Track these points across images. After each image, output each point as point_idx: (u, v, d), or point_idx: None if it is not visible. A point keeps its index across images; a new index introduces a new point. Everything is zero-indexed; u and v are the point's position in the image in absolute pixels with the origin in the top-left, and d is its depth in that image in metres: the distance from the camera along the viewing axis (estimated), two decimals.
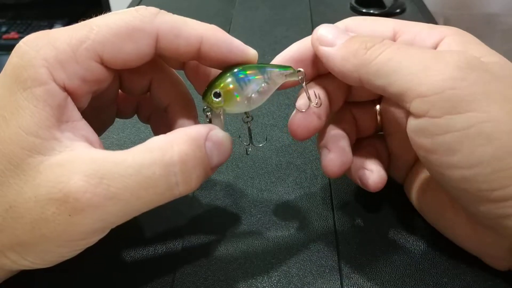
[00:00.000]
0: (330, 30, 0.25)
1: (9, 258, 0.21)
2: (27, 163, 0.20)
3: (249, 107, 0.25)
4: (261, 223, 0.29)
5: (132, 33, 0.22)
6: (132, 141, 0.36)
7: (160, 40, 0.23)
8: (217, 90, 0.24)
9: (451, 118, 0.21)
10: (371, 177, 0.27)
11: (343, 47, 0.24)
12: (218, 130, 0.23)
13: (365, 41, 0.23)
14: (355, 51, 0.23)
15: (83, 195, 0.19)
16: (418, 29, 0.25)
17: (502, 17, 1.09)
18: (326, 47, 0.24)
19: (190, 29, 0.23)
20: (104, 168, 0.20)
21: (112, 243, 0.23)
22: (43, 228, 0.20)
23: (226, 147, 0.24)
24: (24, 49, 0.21)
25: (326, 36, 0.24)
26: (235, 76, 0.24)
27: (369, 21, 0.26)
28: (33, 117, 0.20)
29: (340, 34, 0.24)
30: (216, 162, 0.23)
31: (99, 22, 0.22)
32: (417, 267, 0.26)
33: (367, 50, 0.23)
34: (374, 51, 0.23)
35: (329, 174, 0.26)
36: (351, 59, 0.23)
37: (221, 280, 0.25)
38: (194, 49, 0.23)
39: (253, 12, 0.60)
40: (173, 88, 0.27)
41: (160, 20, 0.22)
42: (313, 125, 0.25)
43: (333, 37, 0.24)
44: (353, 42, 0.24)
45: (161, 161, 0.21)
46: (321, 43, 0.24)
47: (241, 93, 0.24)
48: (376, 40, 0.23)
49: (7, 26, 1.45)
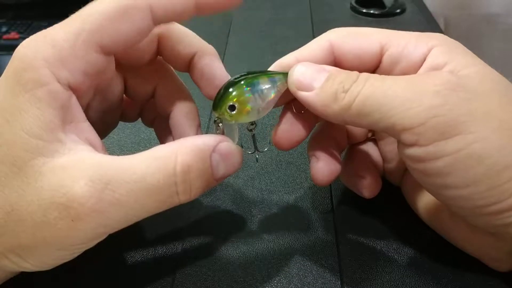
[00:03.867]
0: (306, 71, 0.24)
1: (10, 260, 0.21)
2: (30, 166, 0.20)
3: (258, 116, 0.24)
4: (261, 223, 0.29)
5: (125, 12, 0.22)
6: (132, 141, 0.36)
7: (154, 10, 0.22)
8: (232, 103, 0.23)
9: (440, 144, 0.21)
10: (365, 184, 0.27)
11: (321, 92, 0.23)
12: (229, 142, 0.23)
13: (342, 83, 0.23)
14: (334, 96, 0.23)
15: (88, 200, 0.19)
16: (404, 41, 0.24)
17: (502, 17, 1.09)
18: (305, 92, 0.24)
19: None
20: (109, 174, 0.20)
21: (112, 244, 0.23)
22: (44, 232, 0.20)
23: (235, 160, 0.23)
24: (23, 52, 0.21)
25: (302, 79, 0.24)
26: (247, 87, 0.24)
27: (353, 36, 0.25)
28: (36, 119, 0.20)
29: (316, 74, 0.24)
30: (221, 174, 0.23)
31: (90, 11, 0.22)
32: (417, 267, 0.26)
33: (345, 94, 0.22)
34: (352, 93, 0.22)
35: (318, 183, 0.26)
36: (331, 105, 0.23)
37: (221, 280, 0.25)
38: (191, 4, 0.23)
39: (253, 12, 0.60)
40: (176, 95, 0.27)
41: None
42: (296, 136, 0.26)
43: (310, 79, 0.24)
44: (330, 85, 0.23)
45: (165, 169, 0.21)
46: (298, 88, 0.24)
47: (255, 104, 0.24)
48: (352, 78, 0.23)
49: (7, 26, 1.44)
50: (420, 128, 0.21)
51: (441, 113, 0.21)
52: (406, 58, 0.24)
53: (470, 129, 0.20)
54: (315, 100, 0.23)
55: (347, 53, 0.25)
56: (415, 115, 0.21)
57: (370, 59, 0.25)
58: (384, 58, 0.25)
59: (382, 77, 0.23)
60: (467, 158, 0.20)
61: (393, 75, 0.24)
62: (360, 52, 0.25)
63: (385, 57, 0.24)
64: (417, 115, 0.21)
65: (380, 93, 0.22)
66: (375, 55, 0.25)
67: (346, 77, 0.23)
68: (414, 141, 0.21)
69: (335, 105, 0.23)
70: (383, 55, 0.25)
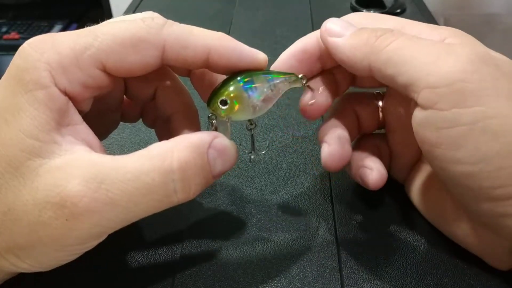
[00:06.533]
0: (339, 23, 0.25)
1: (8, 261, 0.21)
2: (27, 166, 0.20)
3: (254, 114, 0.25)
4: (261, 223, 0.29)
5: (138, 44, 0.22)
6: (132, 141, 0.36)
7: (167, 52, 0.22)
8: (224, 98, 0.23)
9: (459, 112, 0.21)
10: (371, 175, 0.27)
11: (353, 37, 0.24)
12: (223, 138, 0.23)
13: (375, 30, 0.23)
14: (365, 39, 0.23)
15: (81, 199, 0.19)
16: (419, 29, 0.25)
17: (502, 17, 1.09)
18: (335, 37, 0.24)
19: (197, 40, 0.23)
20: (103, 173, 0.20)
21: (112, 244, 0.23)
22: (40, 232, 0.20)
23: (230, 155, 0.23)
24: (28, 52, 0.21)
25: (334, 28, 0.24)
26: (241, 84, 0.24)
27: (370, 19, 0.26)
28: (34, 120, 0.20)
29: (349, 26, 0.25)
30: (219, 170, 0.23)
31: (105, 30, 0.22)
32: (417, 267, 0.26)
33: (377, 38, 0.23)
34: (384, 39, 0.23)
35: (328, 168, 0.26)
36: (361, 47, 0.23)
37: (221, 280, 0.25)
38: (202, 60, 0.23)
39: (253, 12, 0.60)
40: (177, 97, 0.27)
41: (166, 31, 0.22)
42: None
43: (342, 29, 0.24)
44: (362, 32, 0.24)
45: (160, 167, 0.20)
46: (329, 34, 0.24)
47: (248, 101, 0.24)
48: (386, 30, 0.23)
49: (7, 26, 1.45)
50: (444, 89, 0.21)
51: (469, 79, 0.20)
52: None
53: (492, 104, 0.20)
54: (345, 43, 0.24)
55: None
56: (444, 74, 0.21)
57: None
58: None
59: (417, 36, 0.23)
60: (483, 132, 0.20)
61: None
62: None
63: None
64: (445, 75, 0.21)
65: (416, 46, 0.22)
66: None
67: (380, 28, 0.23)
68: (433, 102, 0.21)
69: (365, 47, 0.23)
70: None
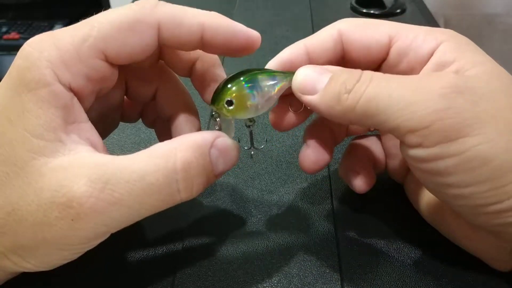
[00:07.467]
0: (309, 74, 0.24)
1: (11, 260, 0.21)
2: (31, 166, 0.20)
3: (256, 113, 0.25)
4: (261, 223, 0.29)
5: (134, 25, 0.22)
6: (132, 141, 0.36)
7: (162, 30, 0.22)
8: (230, 98, 0.23)
9: (445, 146, 0.21)
10: (356, 180, 0.28)
11: (325, 95, 0.23)
12: (225, 137, 0.23)
13: (344, 83, 0.22)
14: (337, 97, 0.23)
15: (87, 200, 0.19)
16: (413, 34, 0.24)
17: (502, 17, 1.09)
18: (309, 95, 0.24)
19: (191, 17, 0.23)
20: (108, 173, 0.20)
21: (113, 244, 0.23)
22: (44, 232, 0.20)
23: (232, 155, 0.23)
24: (28, 51, 0.21)
25: (306, 83, 0.24)
26: (244, 83, 0.24)
27: (363, 26, 0.25)
28: (38, 119, 0.20)
29: (319, 77, 0.24)
30: (221, 170, 0.23)
31: (100, 18, 0.22)
32: (417, 267, 0.26)
33: (348, 95, 0.22)
34: (355, 93, 0.22)
35: (304, 169, 0.27)
36: (335, 107, 0.23)
37: (222, 280, 0.25)
38: (197, 37, 0.23)
39: (253, 12, 0.60)
40: (177, 98, 0.27)
41: (160, 10, 0.22)
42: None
43: (313, 82, 0.24)
44: (332, 86, 0.23)
45: (165, 168, 0.21)
46: (302, 92, 0.24)
47: (251, 100, 0.24)
48: (354, 77, 0.22)
49: (7, 26, 1.45)
50: (425, 131, 0.21)
51: (446, 116, 0.20)
52: (414, 52, 0.24)
53: (476, 131, 0.20)
54: (320, 102, 0.23)
55: (356, 43, 0.25)
56: (421, 118, 0.21)
57: (378, 50, 0.25)
58: (392, 50, 0.25)
59: (386, 77, 0.22)
60: (472, 159, 0.20)
61: (400, 68, 0.25)
62: (369, 42, 0.25)
63: (393, 49, 0.25)
64: (422, 118, 0.21)
65: (385, 94, 0.21)
66: (384, 46, 0.25)
67: (348, 77, 0.23)
68: (418, 143, 0.21)
69: (338, 106, 0.23)
70: (391, 47, 0.25)
